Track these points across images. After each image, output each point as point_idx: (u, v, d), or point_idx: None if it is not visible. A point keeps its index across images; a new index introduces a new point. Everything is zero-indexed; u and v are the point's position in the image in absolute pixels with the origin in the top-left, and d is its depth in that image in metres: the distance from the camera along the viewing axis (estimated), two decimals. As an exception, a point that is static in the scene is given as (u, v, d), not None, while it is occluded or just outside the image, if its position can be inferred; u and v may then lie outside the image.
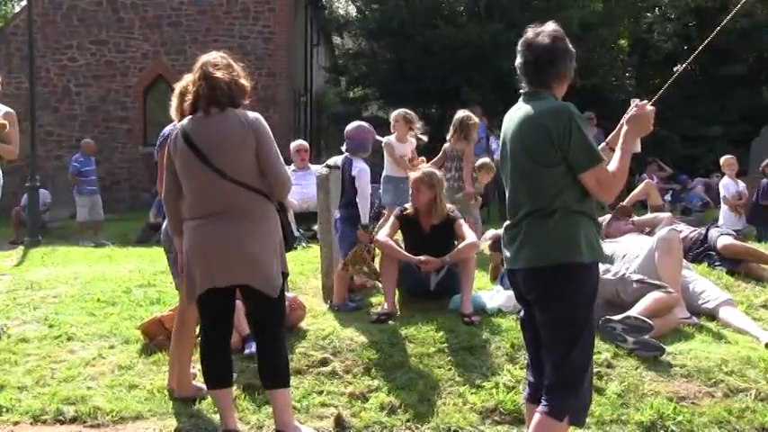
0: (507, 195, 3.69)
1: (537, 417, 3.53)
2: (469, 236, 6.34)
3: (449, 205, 6.63)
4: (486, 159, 9.51)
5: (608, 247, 7.00)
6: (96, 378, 5.40)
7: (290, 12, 22.22)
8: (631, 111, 3.61)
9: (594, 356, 5.18)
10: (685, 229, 7.80)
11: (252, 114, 4.37)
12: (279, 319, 4.53)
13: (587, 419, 4.60)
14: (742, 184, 12.33)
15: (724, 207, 12.16)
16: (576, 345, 3.46)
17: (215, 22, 21.60)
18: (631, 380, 5.06)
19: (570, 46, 3.60)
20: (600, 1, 23.76)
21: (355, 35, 27.03)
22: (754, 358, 5.27)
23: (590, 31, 22.52)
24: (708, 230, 7.73)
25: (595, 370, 5.08)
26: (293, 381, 5.01)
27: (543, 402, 3.53)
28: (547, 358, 3.58)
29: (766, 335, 5.79)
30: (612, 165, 3.51)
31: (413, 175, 6.50)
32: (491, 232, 7.86)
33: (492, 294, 6.35)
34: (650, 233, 7.26)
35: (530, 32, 3.60)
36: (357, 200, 6.49)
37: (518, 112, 3.60)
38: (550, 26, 3.60)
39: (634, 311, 5.56)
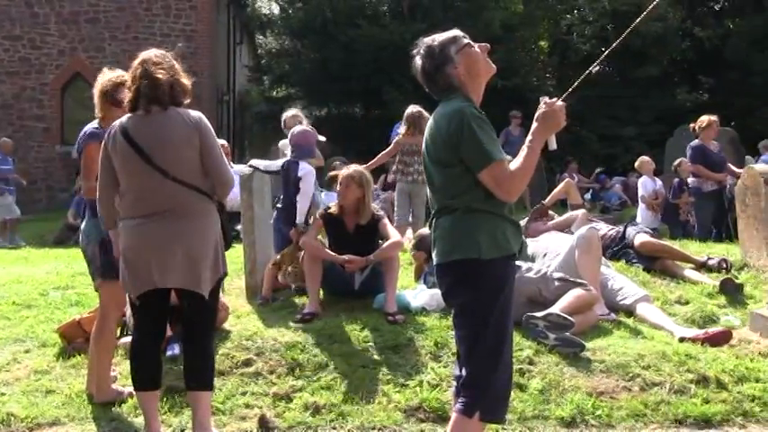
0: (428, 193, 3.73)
1: (453, 416, 3.54)
2: (394, 235, 6.37)
3: (373, 205, 6.65)
4: None
5: (530, 245, 7.12)
6: (11, 383, 5.25)
7: (212, 9, 21.96)
8: (541, 109, 3.64)
9: (516, 353, 5.29)
10: (604, 228, 7.97)
11: (195, 113, 4.32)
12: (212, 321, 4.51)
13: (509, 416, 4.69)
14: (659, 183, 12.65)
15: (641, 205, 12.46)
16: (480, 340, 3.46)
17: (135, 19, 21.21)
18: (552, 376, 5.14)
19: (451, 51, 3.56)
20: (520, 3, 24.12)
21: (278, 34, 26.88)
22: (669, 352, 5.41)
23: (511, 32, 22.84)
24: (625, 228, 7.91)
25: (517, 367, 5.15)
26: (216, 382, 4.96)
27: (458, 400, 3.54)
28: (460, 354, 3.61)
29: (680, 330, 5.96)
30: (516, 162, 3.48)
31: (343, 171, 6.49)
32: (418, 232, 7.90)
33: (416, 293, 6.39)
34: (570, 231, 7.40)
35: (420, 42, 3.65)
36: (297, 198, 6.55)
37: (433, 115, 3.64)
38: (441, 35, 3.63)
39: (556, 309, 5.66)
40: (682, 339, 5.76)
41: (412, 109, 9.09)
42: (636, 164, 12.98)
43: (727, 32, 24.34)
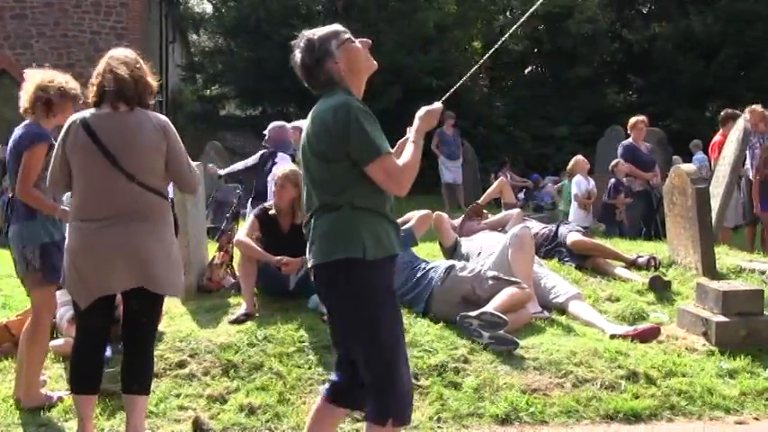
0: (305, 192, 3.63)
1: (365, 425, 3.52)
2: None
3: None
4: None
5: (464, 244, 7.18)
6: (-65, 389, 5.10)
7: (143, 7, 21.61)
8: (424, 108, 3.67)
9: (451, 352, 5.35)
10: (537, 226, 8.06)
11: (161, 117, 4.25)
12: (156, 324, 4.48)
13: (444, 414, 4.74)
14: (592, 182, 12.84)
15: (574, 204, 12.63)
16: (375, 344, 3.41)
17: (63, 15, 20.74)
18: (487, 374, 5.19)
19: (331, 46, 3.54)
20: (454, 3, 24.31)
21: (212, 33, 26.65)
22: (601, 349, 5.51)
23: (445, 33, 23.03)
24: (558, 227, 8.02)
25: (452, 365, 5.21)
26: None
27: (368, 409, 3.49)
28: (356, 361, 3.53)
29: (611, 326, 6.06)
30: (404, 157, 3.48)
31: (279, 171, 6.47)
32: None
33: (351, 293, 6.38)
34: (503, 230, 7.47)
35: (298, 40, 3.61)
36: (269, 179, 6.78)
37: (314, 109, 3.58)
38: (321, 29, 3.61)
39: (489, 307, 5.71)
40: (612, 336, 5.87)
41: None
42: (570, 163, 13.14)
43: (653, 35, 24.94)
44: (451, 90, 4.15)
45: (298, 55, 3.58)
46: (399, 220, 6.78)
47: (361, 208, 3.41)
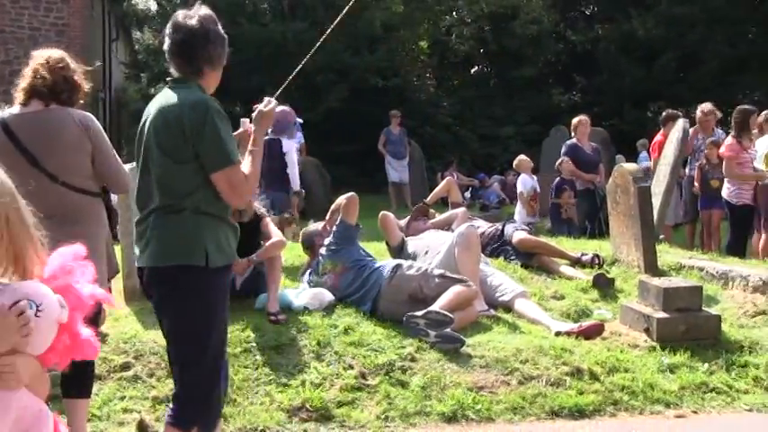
0: (137, 187, 3.48)
1: (164, 429, 3.45)
2: (275, 234, 6.32)
3: (255, 203, 6.58)
4: None
5: (411, 244, 7.21)
6: None
7: (85, 4, 21.25)
8: (256, 113, 3.64)
9: (398, 351, 5.36)
10: (483, 225, 8.12)
11: (84, 114, 4.16)
12: (97, 325, 4.42)
13: (392, 413, 4.75)
14: (536, 180, 12.97)
15: (519, 202, 12.75)
16: (201, 351, 3.35)
17: (0, 10, 20.31)
18: (434, 372, 5.21)
19: (222, 31, 3.51)
20: (401, 3, 24.38)
21: (156, 30, 26.32)
22: (546, 346, 5.57)
23: (392, 32, 23.07)
24: (504, 226, 8.08)
25: (400, 364, 5.23)
26: (93, 387, 4.82)
27: (169, 413, 3.42)
28: (174, 365, 3.48)
29: (556, 324, 6.13)
30: (246, 167, 3.40)
31: None
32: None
33: (298, 293, 6.36)
34: (450, 229, 7.51)
35: (179, 15, 3.47)
36: (288, 171, 6.97)
37: (161, 99, 3.43)
38: (202, 10, 3.51)
39: (436, 306, 5.73)
40: (558, 333, 5.93)
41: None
42: (515, 162, 13.26)
43: (597, 36, 25.31)
44: (284, 84, 4.14)
45: (189, 23, 3.43)
46: (333, 208, 6.76)
47: (205, 213, 3.33)
